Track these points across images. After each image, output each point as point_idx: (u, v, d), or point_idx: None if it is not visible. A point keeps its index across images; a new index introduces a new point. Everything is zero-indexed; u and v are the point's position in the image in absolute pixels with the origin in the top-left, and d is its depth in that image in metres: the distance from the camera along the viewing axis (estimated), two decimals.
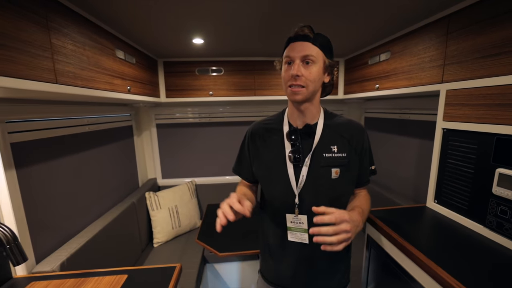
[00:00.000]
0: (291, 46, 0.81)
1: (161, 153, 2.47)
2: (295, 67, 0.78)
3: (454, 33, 1.12)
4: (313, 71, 0.79)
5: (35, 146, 1.12)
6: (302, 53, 0.78)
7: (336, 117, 0.92)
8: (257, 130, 0.97)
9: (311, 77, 0.79)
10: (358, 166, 0.88)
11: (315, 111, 0.88)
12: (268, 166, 0.92)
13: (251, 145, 0.97)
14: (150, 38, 1.52)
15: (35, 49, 0.81)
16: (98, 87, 1.17)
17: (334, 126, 0.89)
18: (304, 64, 0.79)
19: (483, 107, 0.99)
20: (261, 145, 0.94)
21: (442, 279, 0.78)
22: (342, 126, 0.89)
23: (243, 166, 1.02)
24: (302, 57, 0.78)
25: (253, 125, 0.99)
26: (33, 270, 1.02)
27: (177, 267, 1.00)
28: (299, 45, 0.79)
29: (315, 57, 0.78)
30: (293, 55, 0.79)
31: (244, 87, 2.15)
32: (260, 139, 0.95)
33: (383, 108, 2.13)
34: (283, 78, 0.84)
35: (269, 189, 0.94)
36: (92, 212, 1.49)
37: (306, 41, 0.79)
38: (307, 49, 0.78)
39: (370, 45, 1.77)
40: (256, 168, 0.96)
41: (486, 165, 1.00)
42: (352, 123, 0.91)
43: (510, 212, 0.90)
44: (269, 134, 0.93)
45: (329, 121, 0.90)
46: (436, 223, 1.14)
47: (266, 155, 0.93)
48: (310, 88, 0.80)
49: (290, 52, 0.80)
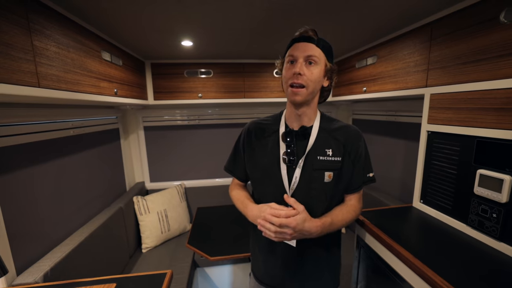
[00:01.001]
0: (295, 46, 0.82)
1: (149, 156, 2.42)
2: (298, 65, 0.79)
3: (437, 39, 1.16)
4: (314, 72, 0.80)
5: (16, 152, 1.07)
6: (305, 53, 0.79)
7: (333, 122, 0.93)
8: (253, 129, 0.96)
9: (313, 77, 0.80)
10: (351, 172, 0.89)
11: (312, 114, 0.89)
12: (262, 166, 0.92)
13: (246, 143, 0.96)
14: (138, 39, 1.49)
15: (16, 52, 0.78)
16: (84, 90, 1.14)
17: (330, 130, 0.89)
18: (307, 64, 0.80)
19: (465, 111, 1.04)
20: (256, 145, 0.94)
21: (428, 277, 0.81)
22: (339, 131, 0.89)
23: (237, 165, 1.01)
24: (305, 57, 0.80)
25: (250, 124, 0.99)
26: (14, 282, 0.97)
27: (168, 273, 0.98)
28: (303, 45, 0.80)
29: (317, 58, 0.80)
30: (296, 54, 0.80)
31: (234, 90, 2.15)
32: (255, 138, 0.94)
33: (370, 110, 2.18)
34: (284, 76, 0.85)
35: (261, 190, 0.94)
36: (78, 218, 1.44)
37: (310, 42, 0.80)
38: (311, 50, 0.79)
39: (357, 49, 1.81)
40: (249, 167, 0.96)
41: (468, 166, 1.04)
42: (349, 128, 0.91)
43: (490, 211, 0.95)
44: (265, 134, 0.93)
45: (325, 125, 0.90)
46: (422, 223, 1.18)
47: (260, 155, 0.92)
48: (310, 89, 0.81)
49: (294, 51, 0.81)
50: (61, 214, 1.31)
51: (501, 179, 0.89)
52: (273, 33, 1.40)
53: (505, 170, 0.90)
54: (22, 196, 1.08)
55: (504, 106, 0.89)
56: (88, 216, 1.54)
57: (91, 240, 1.36)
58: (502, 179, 0.89)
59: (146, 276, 0.99)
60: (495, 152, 0.94)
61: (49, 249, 1.18)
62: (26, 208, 1.10)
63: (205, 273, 1.91)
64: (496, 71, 0.92)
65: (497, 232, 0.93)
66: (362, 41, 1.64)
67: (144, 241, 1.96)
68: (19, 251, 1.03)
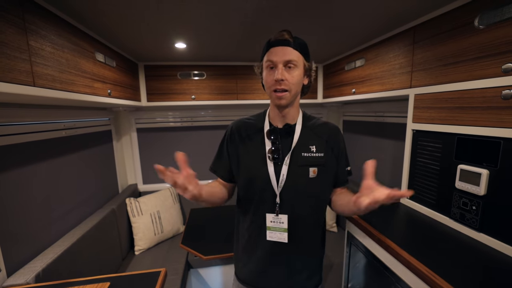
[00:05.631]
0: (273, 51, 0.81)
1: (141, 158, 2.42)
2: (278, 71, 0.79)
3: (420, 42, 1.23)
4: (295, 75, 0.81)
5: (7, 152, 1.06)
6: (284, 57, 0.80)
7: (313, 119, 0.96)
8: (237, 128, 0.96)
9: (294, 80, 0.81)
10: (335, 166, 0.92)
11: (295, 113, 0.91)
12: (248, 164, 0.91)
13: (230, 143, 0.96)
14: (131, 41, 1.51)
15: (12, 51, 0.79)
16: (78, 90, 1.15)
17: (312, 127, 0.92)
18: (287, 69, 0.81)
19: (445, 110, 1.10)
20: (240, 143, 0.94)
21: (414, 267, 0.85)
22: (320, 128, 0.93)
23: (221, 164, 1.00)
24: (284, 62, 0.80)
25: (233, 123, 0.99)
26: (4, 284, 0.96)
27: (162, 272, 0.99)
28: (281, 50, 0.80)
29: (296, 61, 0.80)
30: (275, 60, 0.80)
31: (227, 91, 2.18)
32: (240, 137, 0.94)
33: (360, 111, 2.25)
34: (265, 82, 0.85)
35: (248, 188, 0.92)
36: (70, 220, 1.43)
37: (287, 46, 0.80)
38: (289, 54, 0.80)
39: (346, 52, 1.88)
40: (235, 166, 0.95)
41: (450, 162, 1.10)
42: (328, 125, 0.95)
43: (470, 203, 1.00)
44: (250, 132, 0.94)
45: (307, 123, 0.93)
46: (409, 218, 1.23)
47: (246, 153, 0.92)
48: (293, 92, 0.83)
49: (272, 57, 0.81)
50: (52, 215, 1.30)
51: (479, 173, 0.95)
52: (262, 36, 1.44)
53: (483, 165, 0.96)
54: (12, 196, 1.07)
55: (480, 105, 0.96)
56: (80, 218, 1.53)
57: (83, 242, 1.35)
58: (480, 173, 0.95)
59: (140, 274, 0.99)
60: (473, 148, 1.00)
61: (40, 250, 1.17)
62: (17, 209, 1.09)
63: (198, 274, 1.91)
64: (472, 72, 0.99)
65: (477, 224, 0.98)
66: (350, 45, 1.71)
67: (137, 243, 1.95)
68: (10, 252, 1.02)
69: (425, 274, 0.81)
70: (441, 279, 0.77)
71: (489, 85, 0.93)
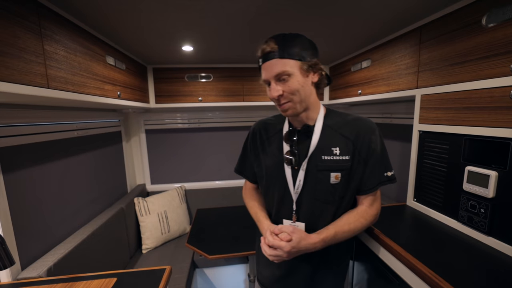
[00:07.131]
0: (263, 68, 0.77)
1: (150, 159, 2.47)
2: (272, 89, 0.76)
3: (426, 42, 1.21)
4: (291, 84, 0.75)
5: (23, 151, 1.11)
6: (273, 73, 0.74)
7: (341, 116, 0.86)
8: (258, 129, 0.95)
9: (292, 89, 0.75)
10: (362, 170, 0.81)
11: (313, 113, 0.84)
12: (266, 167, 0.89)
13: (252, 144, 0.95)
14: (140, 45, 1.56)
15: (29, 55, 0.83)
16: (89, 92, 1.19)
17: (337, 126, 0.83)
18: (281, 81, 0.75)
19: (453, 110, 1.08)
20: (260, 145, 0.92)
21: (419, 270, 0.83)
22: (347, 126, 0.83)
23: (246, 166, 0.99)
24: (275, 77, 0.75)
25: (255, 124, 0.98)
26: (18, 276, 1.01)
27: (167, 269, 1.01)
28: (268, 66, 0.75)
29: (288, 70, 0.73)
30: (267, 77, 0.77)
31: (233, 93, 2.20)
32: (260, 138, 0.93)
33: (367, 113, 2.23)
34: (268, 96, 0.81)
35: (267, 192, 0.91)
36: (80, 217, 1.48)
37: (273, 58, 0.74)
38: (276, 67, 0.74)
39: (352, 53, 1.87)
40: (255, 167, 0.94)
41: (457, 163, 1.08)
42: (359, 122, 0.84)
43: (478, 206, 0.98)
44: (270, 134, 0.91)
45: (331, 121, 0.84)
46: (416, 220, 1.21)
47: (264, 155, 0.90)
48: (296, 99, 0.77)
49: (264, 74, 0.77)
50: (64, 212, 1.35)
51: (488, 175, 0.93)
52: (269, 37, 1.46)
53: (491, 166, 0.94)
54: (28, 194, 1.12)
55: (488, 105, 0.94)
56: (90, 216, 1.58)
57: (93, 239, 1.40)
58: (488, 175, 0.93)
59: (145, 271, 1.01)
60: (481, 149, 0.97)
61: (52, 246, 1.22)
62: (32, 206, 1.14)
63: (204, 274, 1.92)
64: (480, 71, 0.97)
65: (485, 227, 0.96)
66: (356, 46, 1.70)
67: (144, 241, 1.99)
68: (24, 247, 1.07)
69: (430, 278, 0.79)
70: (447, 283, 0.75)
71: (497, 85, 0.91)
